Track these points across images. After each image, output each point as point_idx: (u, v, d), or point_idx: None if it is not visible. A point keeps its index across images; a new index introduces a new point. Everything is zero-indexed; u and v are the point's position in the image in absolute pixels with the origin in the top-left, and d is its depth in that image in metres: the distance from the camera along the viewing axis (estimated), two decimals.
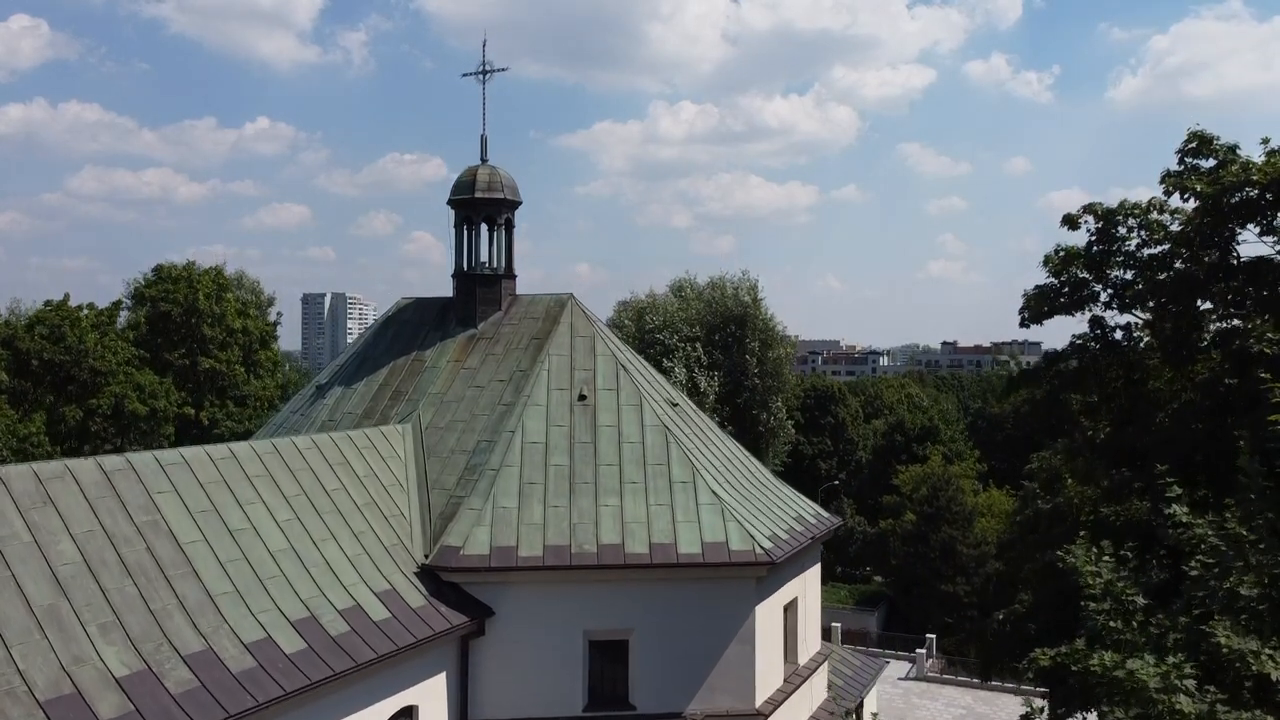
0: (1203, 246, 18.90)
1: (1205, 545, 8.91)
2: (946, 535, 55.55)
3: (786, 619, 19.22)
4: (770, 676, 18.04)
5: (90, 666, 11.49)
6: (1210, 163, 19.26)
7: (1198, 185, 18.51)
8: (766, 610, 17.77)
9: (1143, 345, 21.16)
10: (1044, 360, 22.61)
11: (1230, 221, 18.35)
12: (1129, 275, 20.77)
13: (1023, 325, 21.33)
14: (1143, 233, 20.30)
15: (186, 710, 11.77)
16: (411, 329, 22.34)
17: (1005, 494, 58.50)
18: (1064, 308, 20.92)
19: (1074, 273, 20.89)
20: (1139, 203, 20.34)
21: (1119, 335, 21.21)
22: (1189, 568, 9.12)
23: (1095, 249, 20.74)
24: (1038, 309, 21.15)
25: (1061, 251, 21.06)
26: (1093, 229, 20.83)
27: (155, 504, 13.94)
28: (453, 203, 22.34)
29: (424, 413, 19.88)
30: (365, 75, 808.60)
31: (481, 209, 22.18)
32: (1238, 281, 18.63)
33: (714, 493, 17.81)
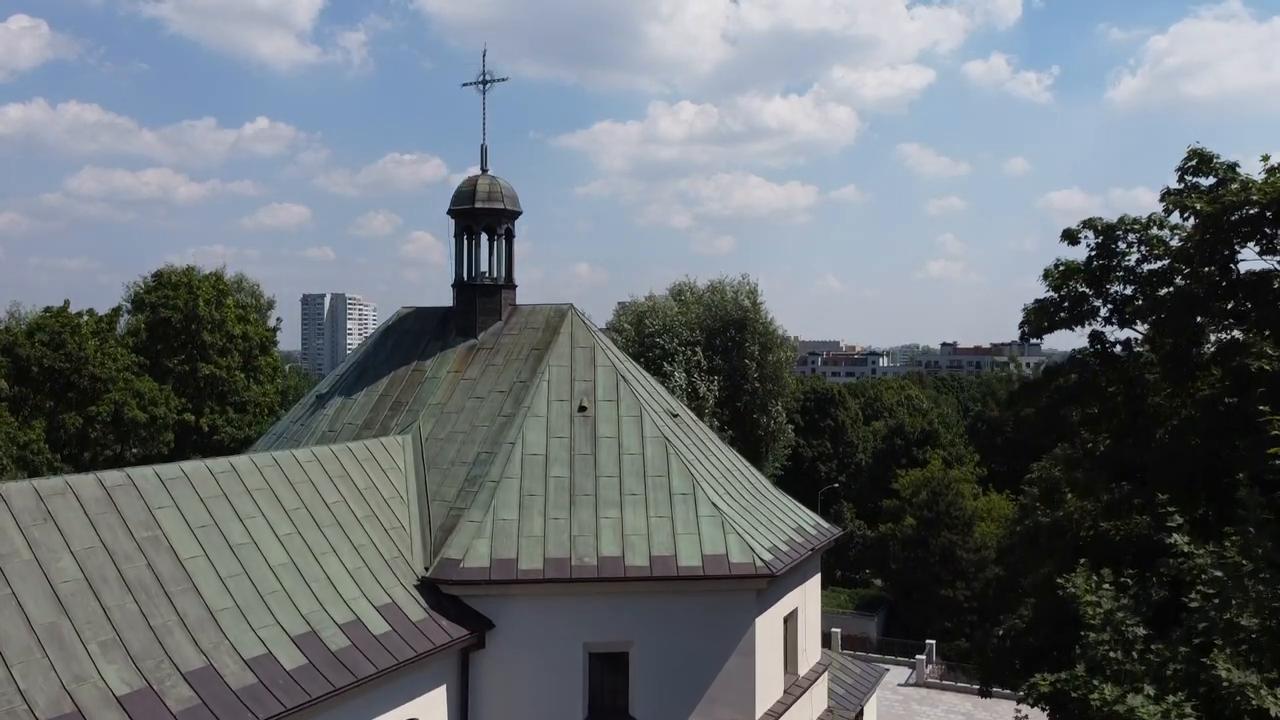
0: (1202, 264, 18.93)
1: (1205, 577, 8.91)
2: (946, 540, 55.55)
3: (786, 630, 19.22)
4: (770, 688, 18.05)
5: (91, 685, 11.50)
6: (1210, 180, 19.28)
7: (1198, 204, 18.53)
8: (766, 622, 17.77)
9: (1143, 360, 21.16)
10: (1043, 374, 22.62)
11: (1231, 240, 18.37)
12: (1129, 290, 20.80)
13: (1023, 340, 21.36)
14: (1143, 248, 20.34)
15: None
16: (411, 339, 22.34)
17: (1005, 498, 58.58)
18: (1064, 322, 20.95)
19: (1074, 287, 20.94)
20: (1139, 218, 20.37)
21: (1119, 350, 21.22)
22: (1189, 599, 9.12)
23: (1095, 264, 20.78)
24: (1038, 323, 21.20)
25: (1061, 266, 21.09)
26: (1092, 244, 20.87)
27: (155, 519, 13.95)
28: (453, 212, 22.36)
29: (424, 424, 19.88)
30: (365, 75, 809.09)
31: (481, 219, 22.20)
32: (1238, 301, 18.61)
33: (714, 504, 17.82)
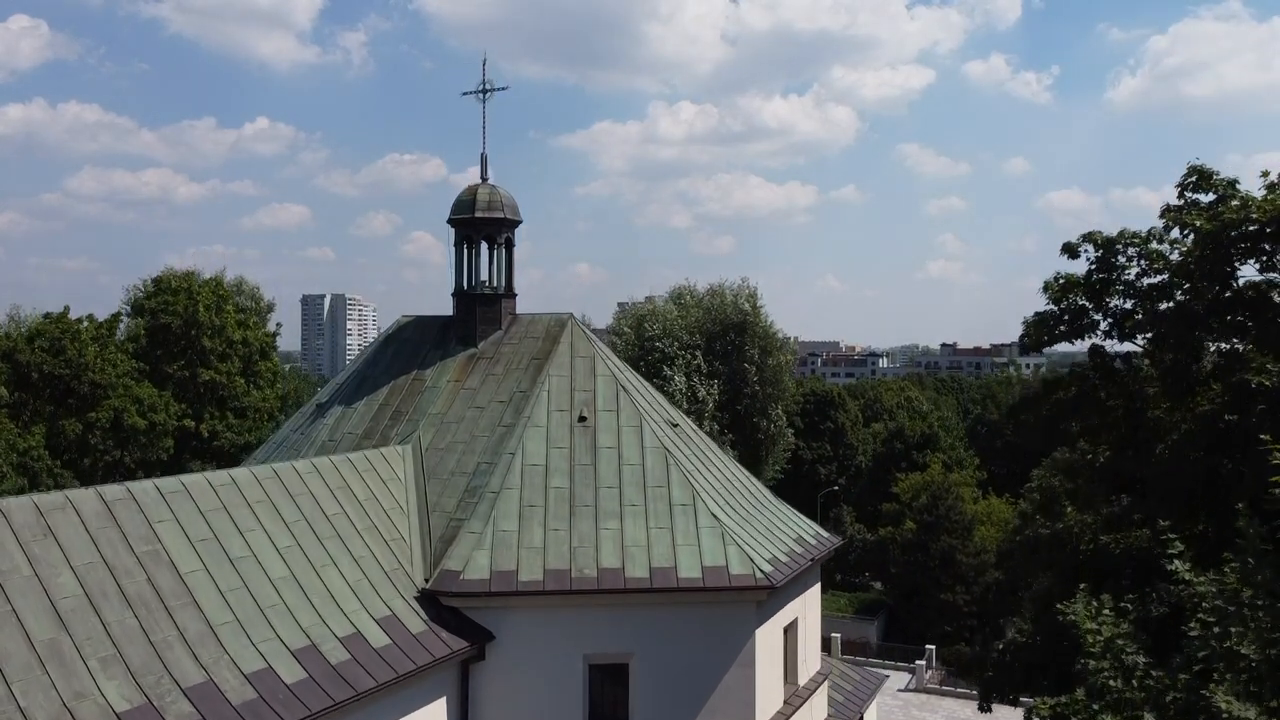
0: (1202, 279, 18.93)
1: (1205, 605, 8.91)
2: (946, 544, 55.49)
3: (786, 640, 19.24)
4: (770, 698, 18.07)
5: (91, 702, 11.50)
6: (1210, 197, 19.27)
7: (1197, 221, 18.52)
8: (766, 633, 17.79)
9: (1143, 374, 21.14)
10: (1043, 386, 22.60)
11: (1230, 257, 18.37)
12: (1129, 304, 20.81)
13: (1023, 353, 21.40)
14: (1142, 262, 20.34)
15: None
16: (411, 348, 22.35)
17: (1005, 502, 58.53)
18: (1064, 335, 20.96)
19: (1073, 300, 20.93)
20: (1138, 232, 20.37)
21: (1119, 364, 21.20)
22: (1189, 628, 9.13)
23: (1095, 277, 20.78)
24: (1037, 336, 21.18)
25: (1061, 279, 21.09)
26: (1092, 257, 20.87)
27: (156, 533, 13.94)
28: (453, 222, 22.37)
29: (424, 433, 19.88)
30: (365, 76, 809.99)
31: (481, 228, 22.22)
32: (1237, 316, 18.59)
33: (714, 515, 17.82)
